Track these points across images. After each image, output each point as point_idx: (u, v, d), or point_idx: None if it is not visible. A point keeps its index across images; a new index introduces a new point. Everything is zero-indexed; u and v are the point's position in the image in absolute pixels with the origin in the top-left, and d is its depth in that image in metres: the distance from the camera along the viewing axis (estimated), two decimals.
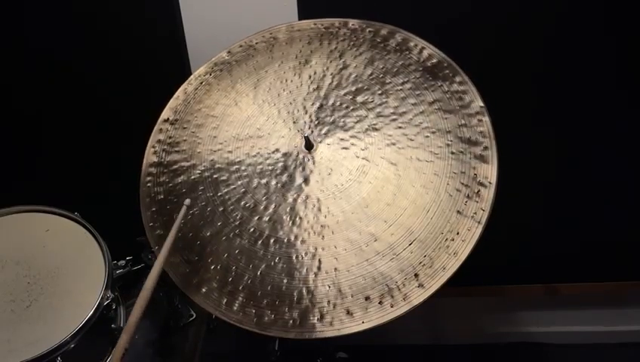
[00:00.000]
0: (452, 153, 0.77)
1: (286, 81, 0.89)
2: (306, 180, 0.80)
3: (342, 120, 0.83)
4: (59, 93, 1.19)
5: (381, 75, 0.85)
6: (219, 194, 0.81)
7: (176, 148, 0.86)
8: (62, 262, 0.90)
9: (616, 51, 1.09)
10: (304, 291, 0.72)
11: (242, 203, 0.80)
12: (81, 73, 1.16)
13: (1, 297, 0.86)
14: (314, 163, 0.81)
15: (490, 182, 0.73)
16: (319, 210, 0.77)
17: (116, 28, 1.12)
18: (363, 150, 0.80)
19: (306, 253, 0.74)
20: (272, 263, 0.74)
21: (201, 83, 0.92)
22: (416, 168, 0.77)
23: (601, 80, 1.12)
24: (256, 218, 0.78)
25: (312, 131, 0.83)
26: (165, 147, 0.87)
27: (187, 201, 0.78)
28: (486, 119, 0.78)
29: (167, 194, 0.83)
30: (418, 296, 0.68)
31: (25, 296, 0.86)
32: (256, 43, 0.94)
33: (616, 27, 1.06)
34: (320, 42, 0.91)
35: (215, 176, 0.83)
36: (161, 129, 0.89)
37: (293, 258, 0.74)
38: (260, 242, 0.76)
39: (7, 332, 0.82)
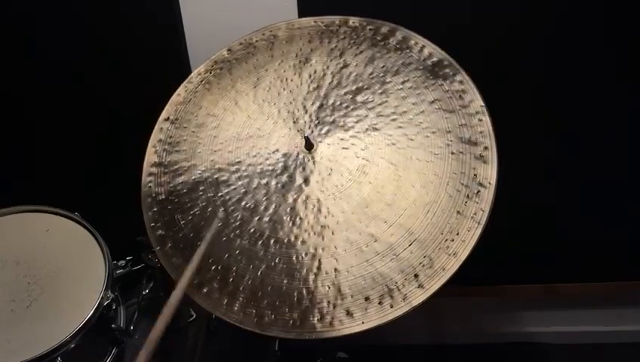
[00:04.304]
0: (452, 153, 0.77)
1: (286, 80, 0.89)
2: (306, 180, 0.80)
3: (342, 119, 0.83)
4: (59, 93, 1.19)
5: (381, 74, 0.85)
6: (219, 194, 0.81)
7: (177, 148, 0.86)
8: (62, 262, 0.90)
9: (616, 50, 1.09)
10: (304, 291, 0.72)
11: (243, 203, 0.80)
12: (81, 73, 1.16)
13: (1, 297, 0.86)
14: (314, 163, 0.81)
15: (490, 183, 0.73)
16: (319, 210, 0.77)
17: (116, 27, 1.12)
18: (363, 150, 0.80)
19: (306, 254, 0.74)
20: (273, 264, 0.74)
21: (202, 81, 0.92)
22: (416, 168, 0.77)
23: (602, 79, 1.12)
24: (257, 218, 0.78)
25: (312, 131, 0.83)
26: (166, 147, 0.87)
27: (221, 214, 0.77)
28: (486, 119, 0.77)
29: (169, 194, 0.83)
30: (418, 297, 0.68)
31: (25, 296, 0.86)
32: (256, 41, 0.94)
33: (617, 26, 1.06)
34: (320, 40, 0.91)
35: (215, 176, 0.83)
36: (161, 128, 0.89)
37: (294, 258, 0.74)
38: (260, 242, 0.76)
39: (7, 332, 0.82)
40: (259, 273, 0.74)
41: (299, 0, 1.06)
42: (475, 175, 0.74)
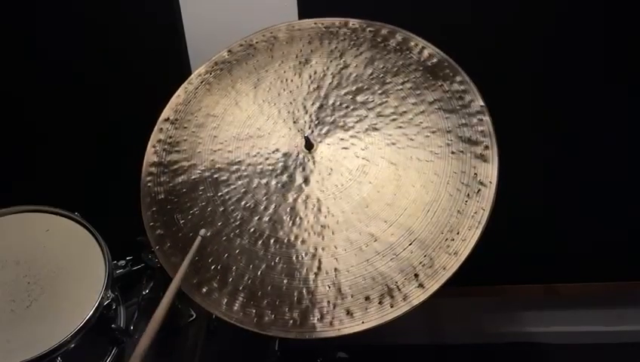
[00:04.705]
0: (452, 153, 0.77)
1: (286, 80, 0.89)
2: (306, 180, 0.80)
3: (342, 120, 0.83)
4: (59, 93, 1.19)
5: (381, 75, 0.85)
6: (219, 194, 0.81)
7: (177, 148, 0.86)
8: (62, 262, 0.90)
9: (616, 50, 1.09)
10: (304, 291, 0.72)
11: (242, 203, 0.80)
12: (81, 73, 1.16)
13: (1, 297, 0.86)
14: (314, 163, 0.81)
15: (490, 182, 0.73)
16: (319, 210, 0.77)
17: (116, 27, 1.12)
18: (363, 150, 0.80)
19: (306, 253, 0.74)
20: (272, 263, 0.74)
21: (202, 82, 0.92)
22: (417, 168, 0.77)
23: (602, 79, 1.12)
24: (257, 218, 0.78)
25: (313, 131, 0.83)
26: (166, 147, 0.87)
27: (202, 232, 0.77)
28: (486, 118, 0.77)
29: (168, 194, 0.83)
30: (418, 296, 0.68)
31: (25, 296, 0.86)
32: (257, 42, 0.94)
33: (617, 26, 1.06)
34: (320, 42, 0.91)
35: (215, 176, 0.83)
36: (161, 128, 0.89)
37: (294, 258, 0.74)
38: (260, 242, 0.76)
39: (7, 332, 0.82)
40: (259, 273, 0.74)
41: (299, 1, 1.06)
42: (475, 174, 0.74)
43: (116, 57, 1.14)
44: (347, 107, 0.84)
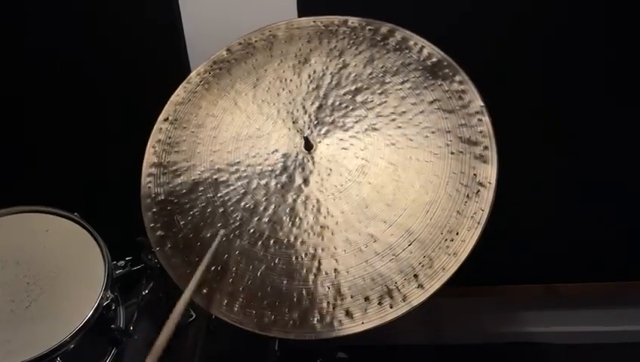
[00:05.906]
0: (452, 153, 0.76)
1: (285, 80, 0.89)
2: (306, 181, 0.80)
3: (341, 120, 0.83)
4: (59, 93, 1.19)
5: (381, 74, 0.85)
6: (219, 195, 0.81)
7: (176, 149, 0.86)
8: (62, 262, 0.90)
9: (616, 50, 1.09)
10: (304, 292, 0.72)
11: (242, 204, 0.80)
12: (81, 73, 1.16)
13: (1, 297, 0.86)
14: (313, 163, 0.81)
15: (489, 183, 0.73)
16: (319, 210, 0.77)
17: (116, 27, 1.12)
18: (362, 150, 0.80)
19: (305, 254, 0.74)
20: (272, 264, 0.74)
21: (201, 82, 0.92)
22: (416, 168, 0.77)
23: (602, 80, 1.12)
24: (256, 219, 0.78)
25: (312, 131, 0.83)
26: (165, 147, 0.87)
27: (222, 232, 0.77)
28: (486, 119, 0.77)
29: (168, 195, 0.83)
30: (417, 297, 0.68)
31: (25, 296, 0.86)
32: (256, 41, 0.94)
33: (617, 26, 1.06)
34: (319, 40, 0.91)
35: (215, 176, 0.83)
36: (160, 128, 0.89)
37: (293, 259, 0.74)
38: (259, 243, 0.76)
39: (7, 332, 0.82)
40: (258, 273, 0.74)
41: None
42: (474, 175, 0.74)
43: (116, 57, 1.14)
44: (346, 107, 0.84)
